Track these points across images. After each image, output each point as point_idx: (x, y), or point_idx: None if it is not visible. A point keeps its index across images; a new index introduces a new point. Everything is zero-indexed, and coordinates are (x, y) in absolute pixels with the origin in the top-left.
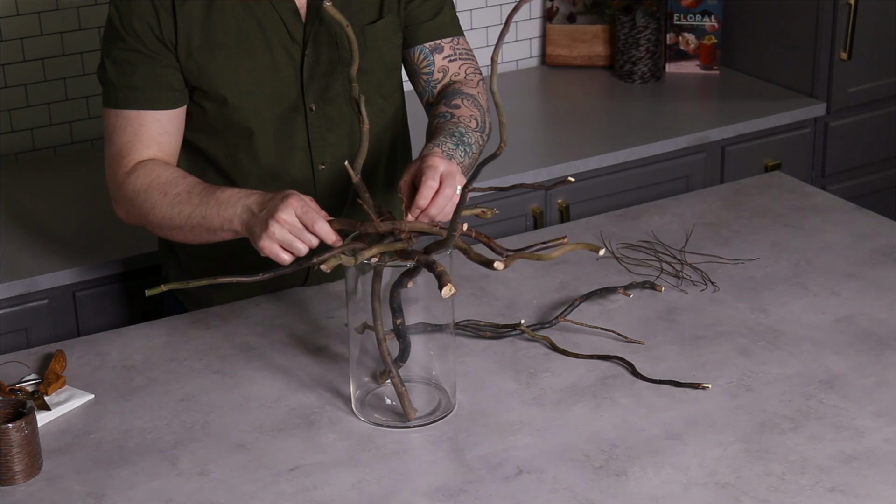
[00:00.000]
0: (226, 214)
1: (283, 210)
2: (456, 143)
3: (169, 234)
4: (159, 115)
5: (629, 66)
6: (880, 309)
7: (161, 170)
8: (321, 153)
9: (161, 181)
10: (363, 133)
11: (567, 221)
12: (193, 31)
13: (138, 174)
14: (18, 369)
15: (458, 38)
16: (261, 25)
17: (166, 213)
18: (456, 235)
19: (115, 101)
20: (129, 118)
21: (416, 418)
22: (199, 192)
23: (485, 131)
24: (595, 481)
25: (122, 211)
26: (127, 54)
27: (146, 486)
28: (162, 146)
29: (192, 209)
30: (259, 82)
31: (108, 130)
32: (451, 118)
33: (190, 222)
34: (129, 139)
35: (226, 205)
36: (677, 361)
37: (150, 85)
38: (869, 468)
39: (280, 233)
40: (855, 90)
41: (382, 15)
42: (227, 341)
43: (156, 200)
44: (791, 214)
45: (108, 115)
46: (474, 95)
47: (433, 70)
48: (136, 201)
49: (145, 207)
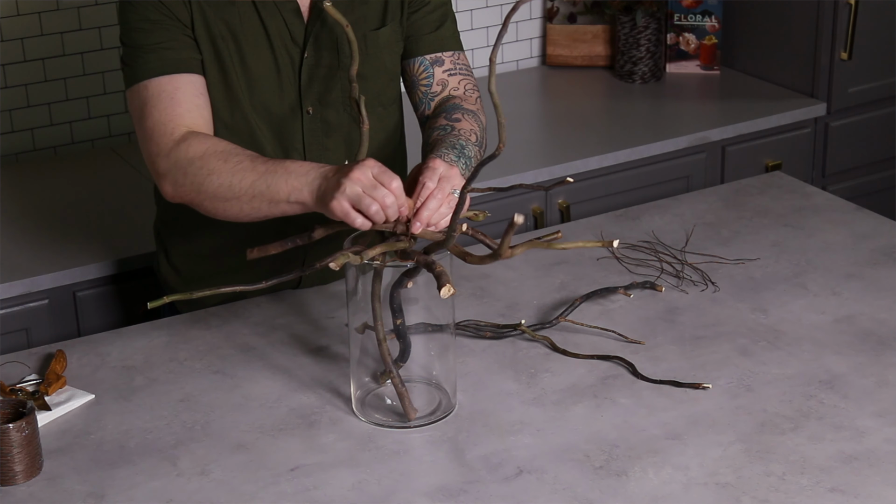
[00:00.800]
0: (296, 183)
1: (358, 168)
2: (457, 155)
3: (223, 205)
4: (191, 77)
5: (629, 66)
6: (880, 309)
7: (216, 139)
8: (317, 157)
9: (219, 148)
10: (363, 133)
11: (567, 221)
12: (207, 15)
13: (190, 142)
14: (19, 369)
15: (458, 52)
16: (265, 24)
17: (225, 181)
18: (455, 236)
19: (144, 72)
20: (162, 85)
21: (416, 418)
22: (265, 161)
23: (482, 147)
24: (595, 481)
25: (169, 184)
26: (148, 25)
27: (146, 486)
28: (201, 109)
29: (256, 177)
30: (260, 80)
31: (139, 107)
32: (452, 131)
33: (252, 191)
34: (165, 106)
35: (296, 173)
36: (678, 361)
37: (178, 48)
38: (869, 468)
39: (351, 188)
40: (855, 90)
41: (385, 23)
42: (227, 341)
43: (214, 167)
44: (791, 214)
45: (138, 91)
46: (475, 112)
47: (432, 82)
48: (189, 169)
49: (200, 175)
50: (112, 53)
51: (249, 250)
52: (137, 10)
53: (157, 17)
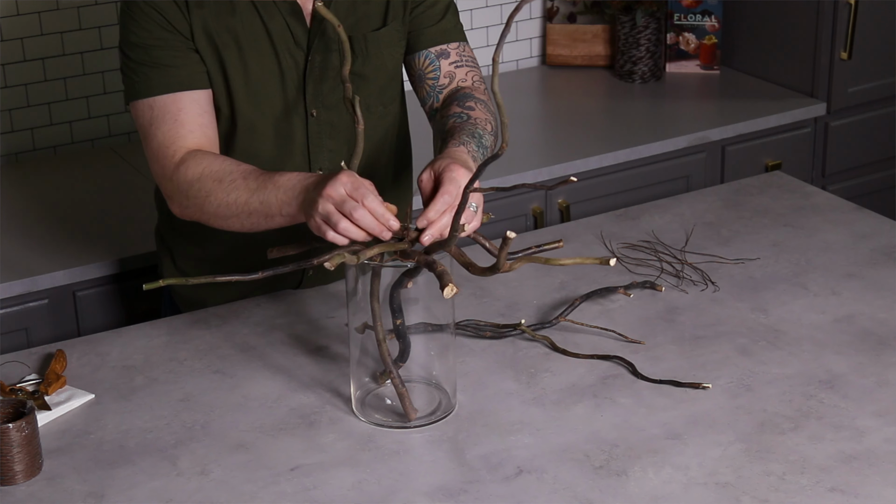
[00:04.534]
0: (284, 197)
1: (331, 185)
2: (477, 144)
3: (226, 223)
4: (195, 95)
5: (629, 66)
6: (880, 309)
7: (212, 157)
8: (319, 158)
9: (214, 168)
10: (358, 133)
11: (567, 221)
12: (207, 25)
13: (188, 164)
14: (19, 369)
15: (463, 44)
16: (267, 28)
17: (223, 201)
18: (458, 236)
19: (147, 88)
20: (166, 104)
21: (416, 418)
22: (257, 178)
23: (496, 138)
24: (595, 481)
25: (177, 205)
26: (148, 40)
27: (146, 486)
28: (204, 128)
29: (249, 195)
30: (264, 84)
31: (145, 125)
32: (469, 119)
33: (248, 208)
34: (169, 128)
35: (284, 188)
36: (677, 361)
37: (180, 65)
38: (869, 468)
39: (323, 206)
40: (855, 90)
41: (387, 22)
42: (227, 341)
43: (210, 188)
44: (791, 214)
45: (141, 108)
46: (486, 102)
47: (439, 75)
48: (189, 192)
49: (199, 197)
50: (112, 53)
51: (270, 250)
52: (139, 22)
53: (158, 31)
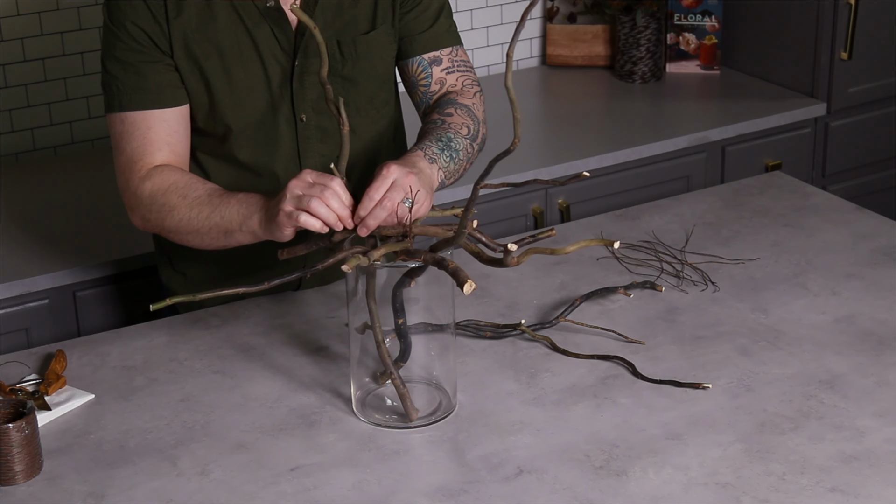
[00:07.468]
0: (245, 211)
1: (294, 178)
2: (442, 147)
3: (185, 238)
4: (165, 114)
5: (629, 66)
6: (880, 309)
7: (179, 174)
8: (310, 163)
9: (180, 184)
10: (343, 135)
11: (567, 221)
12: (188, 36)
13: (154, 179)
14: (19, 369)
15: (456, 48)
16: (252, 36)
17: (185, 216)
18: (465, 233)
19: (119, 104)
20: (136, 121)
21: (416, 418)
22: (221, 195)
23: (476, 140)
24: (595, 481)
25: (138, 217)
26: (126, 55)
27: (146, 486)
28: (173, 146)
29: (211, 210)
30: (249, 91)
31: (116, 138)
32: (442, 124)
33: (208, 223)
34: (138, 144)
35: (247, 203)
36: (677, 361)
37: (153, 84)
38: (869, 468)
39: (291, 193)
40: (855, 90)
41: (376, 26)
42: (227, 341)
43: (175, 203)
44: (791, 214)
45: (114, 120)
46: (469, 106)
47: (430, 82)
48: (153, 206)
49: (163, 211)
50: None
51: (280, 251)
52: (119, 36)
53: (137, 47)
